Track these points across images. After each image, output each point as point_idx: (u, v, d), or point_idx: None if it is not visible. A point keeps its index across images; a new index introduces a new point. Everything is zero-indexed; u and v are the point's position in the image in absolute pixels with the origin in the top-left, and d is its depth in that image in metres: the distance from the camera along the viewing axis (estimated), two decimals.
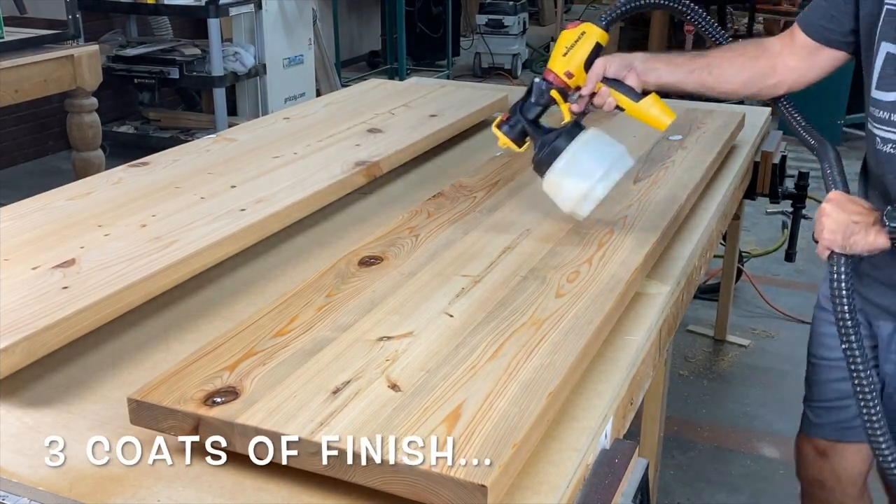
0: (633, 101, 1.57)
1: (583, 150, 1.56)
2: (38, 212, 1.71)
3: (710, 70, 1.63)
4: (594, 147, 1.57)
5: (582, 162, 1.55)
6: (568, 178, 1.56)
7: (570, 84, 1.58)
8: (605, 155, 1.57)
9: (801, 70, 1.64)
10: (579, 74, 1.57)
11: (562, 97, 1.59)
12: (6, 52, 3.57)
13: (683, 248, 1.78)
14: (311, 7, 5.88)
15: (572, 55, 1.57)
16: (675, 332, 1.72)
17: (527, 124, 1.60)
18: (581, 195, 1.56)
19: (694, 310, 3.55)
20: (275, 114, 2.58)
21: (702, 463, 2.66)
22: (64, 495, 1.03)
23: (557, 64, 1.58)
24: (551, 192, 1.60)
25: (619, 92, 1.56)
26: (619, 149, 1.59)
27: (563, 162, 1.56)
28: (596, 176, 1.55)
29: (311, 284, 1.41)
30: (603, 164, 1.56)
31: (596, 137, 1.58)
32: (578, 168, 1.55)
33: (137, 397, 1.09)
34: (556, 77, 1.58)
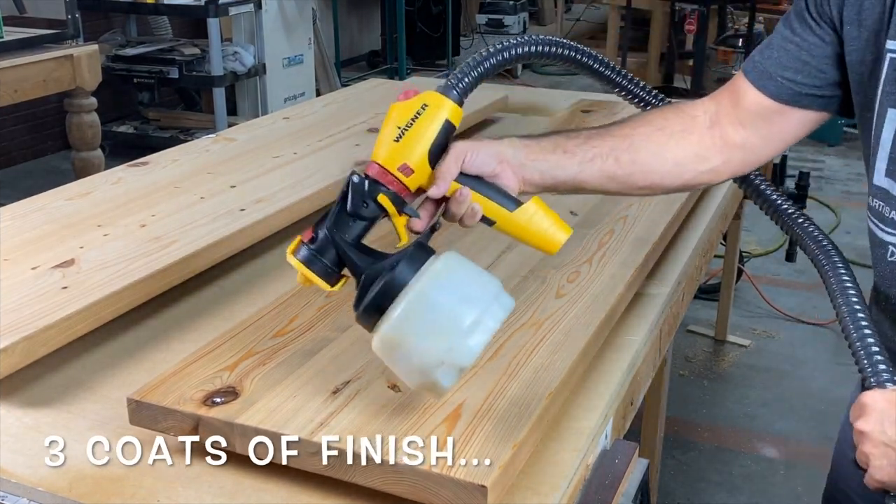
0: (507, 209, 1.05)
1: (435, 289, 0.97)
2: (38, 212, 1.71)
3: (618, 156, 1.10)
4: (452, 283, 0.98)
5: (435, 307, 0.96)
6: (414, 335, 0.96)
7: (409, 184, 1.02)
8: (471, 293, 0.99)
9: (754, 145, 1.14)
10: (422, 170, 1.02)
11: (394, 205, 1.02)
12: (6, 52, 3.57)
13: (683, 248, 1.78)
14: (311, 7, 5.88)
15: (410, 140, 1.01)
16: (675, 332, 1.72)
17: (342, 247, 1.01)
18: (436, 360, 0.96)
19: (694, 310, 3.55)
20: (275, 114, 2.58)
21: (702, 463, 2.66)
22: (64, 495, 1.03)
23: (388, 154, 1.02)
24: (389, 358, 0.99)
25: (485, 197, 1.04)
26: (492, 282, 1.01)
27: (404, 308, 0.96)
28: (460, 328, 0.96)
29: None
30: (470, 308, 0.97)
31: (455, 266, 1.00)
32: (430, 318, 0.96)
33: (137, 397, 1.09)
34: (386, 173, 1.02)
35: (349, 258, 1.01)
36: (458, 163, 1.03)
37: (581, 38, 9.17)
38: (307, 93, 5.84)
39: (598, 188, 1.14)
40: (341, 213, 1.02)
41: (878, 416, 0.93)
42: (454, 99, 1.04)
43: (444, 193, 1.03)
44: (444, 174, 1.02)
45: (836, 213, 4.62)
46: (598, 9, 9.35)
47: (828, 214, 4.63)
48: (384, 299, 0.97)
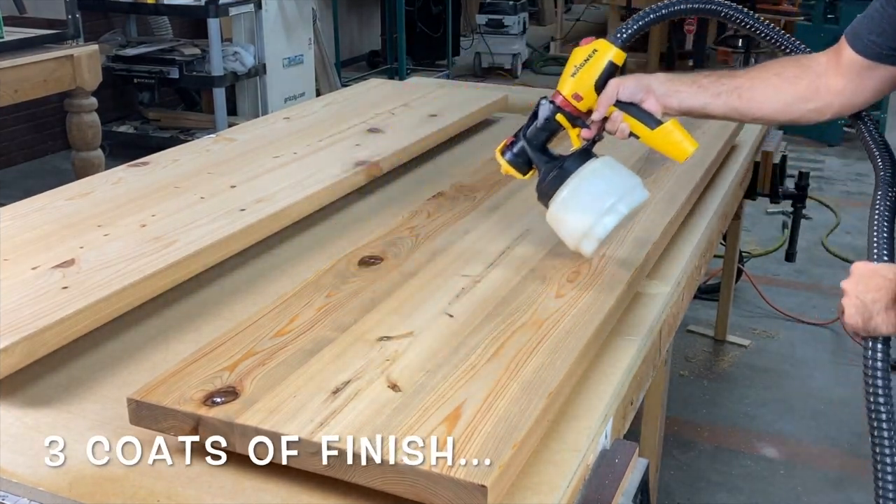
0: (649, 128, 1.40)
1: (588, 181, 1.40)
2: (38, 212, 1.71)
3: (741, 93, 1.42)
4: (602, 177, 1.42)
5: (586, 194, 1.40)
6: (571, 212, 1.41)
7: (580, 107, 1.43)
8: (613, 186, 1.41)
9: (850, 92, 1.40)
10: (590, 97, 1.42)
11: (570, 122, 1.44)
12: (6, 52, 3.57)
13: (683, 248, 1.78)
14: (311, 7, 5.88)
15: (582, 75, 1.42)
16: (675, 332, 1.72)
17: (531, 150, 1.46)
18: (583, 231, 1.41)
19: (694, 310, 3.56)
20: (275, 114, 2.58)
21: (702, 463, 2.66)
22: (64, 495, 1.03)
23: (566, 85, 1.43)
24: (554, 226, 1.46)
25: (633, 117, 1.40)
26: (632, 180, 1.43)
27: (566, 192, 1.41)
28: (601, 209, 1.39)
29: (311, 284, 1.41)
30: (609, 196, 1.40)
31: (605, 167, 1.43)
32: (583, 200, 1.40)
33: (137, 397, 1.09)
34: (564, 100, 1.43)
35: (536, 157, 1.47)
36: (614, 91, 1.40)
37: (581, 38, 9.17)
38: (307, 93, 5.84)
39: (721, 117, 1.49)
40: (533, 126, 1.47)
41: (857, 278, 1.24)
42: (618, 45, 1.42)
43: (604, 115, 1.41)
44: (603, 102, 1.41)
45: (836, 213, 4.62)
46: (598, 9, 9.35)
47: (828, 214, 4.63)
48: (555, 186, 1.42)
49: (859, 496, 2.47)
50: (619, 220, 1.40)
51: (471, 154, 2.38)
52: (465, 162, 2.29)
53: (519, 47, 8.01)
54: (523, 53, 8.19)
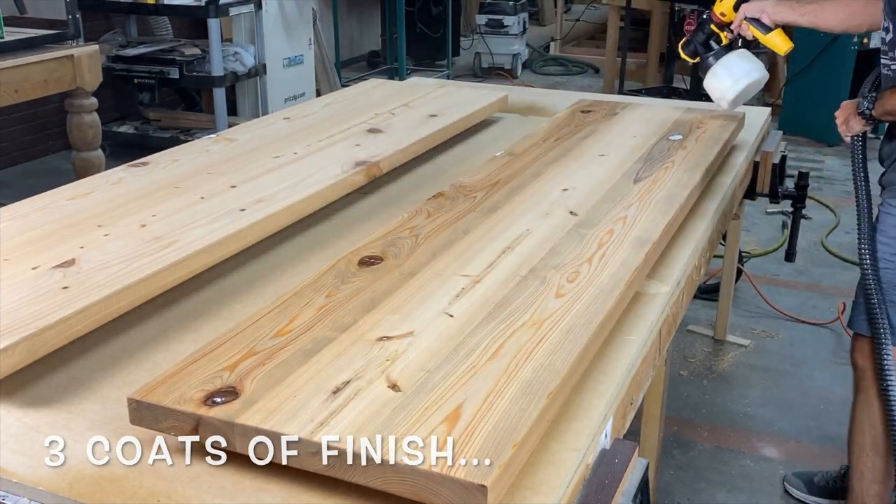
0: (763, 33, 2.30)
1: (730, 60, 2.40)
2: (38, 212, 1.71)
3: (816, 13, 2.23)
4: (737, 60, 2.40)
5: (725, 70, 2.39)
6: (716, 80, 2.41)
7: (724, 21, 2.37)
8: (743, 66, 2.39)
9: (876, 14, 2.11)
10: (730, 14, 2.35)
11: (719, 29, 2.39)
12: (6, 52, 3.57)
13: (683, 248, 1.78)
14: (311, 7, 5.88)
15: (726, 1, 2.34)
16: (675, 332, 1.72)
17: (698, 46, 2.43)
18: (722, 92, 2.41)
19: (694, 310, 3.55)
20: (275, 114, 2.59)
21: (702, 463, 2.66)
22: (64, 495, 1.03)
23: (717, 6, 2.37)
24: (708, 89, 2.45)
25: (755, 27, 2.30)
26: (755, 63, 2.41)
27: (714, 69, 2.41)
28: (732, 79, 2.39)
29: (311, 284, 1.41)
30: (738, 72, 2.39)
31: (740, 55, 2.40)
32: (724, 73, 2.40)
33: (137, 397, 1.09)
34: (716, 16, 2.38)
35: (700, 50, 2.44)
36: (743, 12, 2.30)
37: (581, 38, 9.18)
38: (307, 93, 5.84)
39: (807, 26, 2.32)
40: (698, 30, 2.43)
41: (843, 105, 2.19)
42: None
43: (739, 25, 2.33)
44: (738, 17, 2.33)
45: (836, 213, 4.62)
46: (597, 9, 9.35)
47: (827, 214, 4.63)
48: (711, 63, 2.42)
49: None
50: (743, 86, 2.39)
51: (471, 154, 2.38)
52: (465, 162, 2.29)
53: (519, 47, 8.01)
54: (523, 53, 8.19)
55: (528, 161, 2.06)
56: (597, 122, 2.45)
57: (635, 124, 2.42)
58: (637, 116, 2.52)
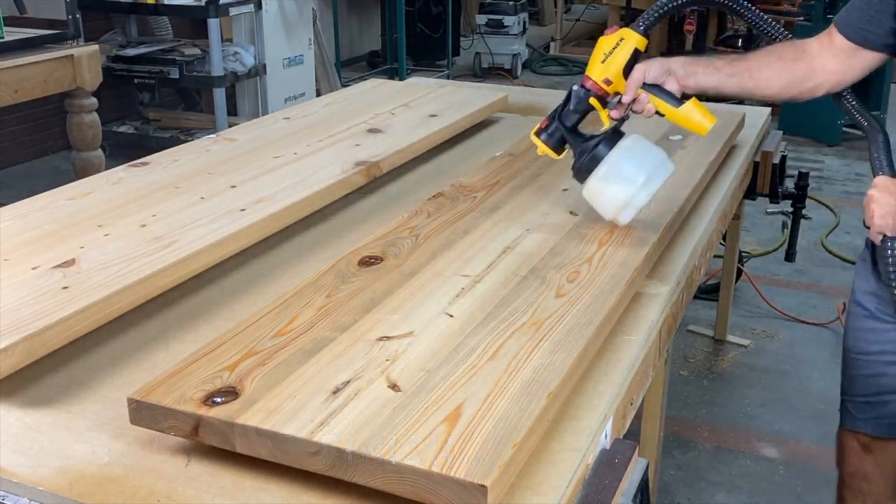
0: (673, 106, 1.58)
1: (623, 157, 1.57)
2: (38, 212, 1.71)
3: (750, 74, 1.64)
4: (635, 154, 1.58)
5: (623, 169, 1.57)
6: (609, 186, 1.58)
7: (609, 90, 1.59)
8: (645, 161, 1.58)
9: (840, 72, 1.65)
10: (618, 81, 1.59)
11: (601, 104, 1.61)
12: (6, 52, 3.57)
13: (683, 248, 1.78)
14: (311, 7, 5.88)
15: (611, 62, 1.58)
16: (675, 332, 1.72)
17: (565, 132, 1.62)
18: (622, 203, 1.58)
19: (694, 310, 3.55)
20: (275, 114, 2.58)
21: (702, 463, 2.66)
22: (64, 495, 1.03)
23: (596, 71, 1.59)
24: (592, 200, 1.62)
25: (658, 98, 1.58)
26: (660, 155, 1.60)
27: (604, 169, 1.57)
28: (637, 183, 1.56)
29: (311, 284, 1.41)
30: (644, 170, 1.57)
31: (636, 144, 1.59)
32: (619, 175, 1.57)
33: (137, 397, 1.09)
34: (595, 84, 1.59)
35: (570, 138, 1.62)
36: (641, 75, 1.57)
37: (581, 38, 9.18)
38: (307, 93, 5.84)
39: (733, 95, 1.73)
40: (566, 108, 1.61)
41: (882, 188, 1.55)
42: (641, 32, 1.59)
43: (633, 97, 1.58)
44: (631, 85, 1.57)
45: (836, 213, 4.62)
46: (597, 9, 9.36)
47: (827, 214, 4.63)
48: (592, 164, 1.58)
49: None
50: (654, 191, 1.59)
51: (471, 154, 2.38)
52: (465, 162, 2.29)
53: (519, 47, 8.01)
54: (523, 53, 8.19)
55: (528, 161, 2.06)
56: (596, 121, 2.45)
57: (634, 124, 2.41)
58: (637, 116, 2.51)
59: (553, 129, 1.62)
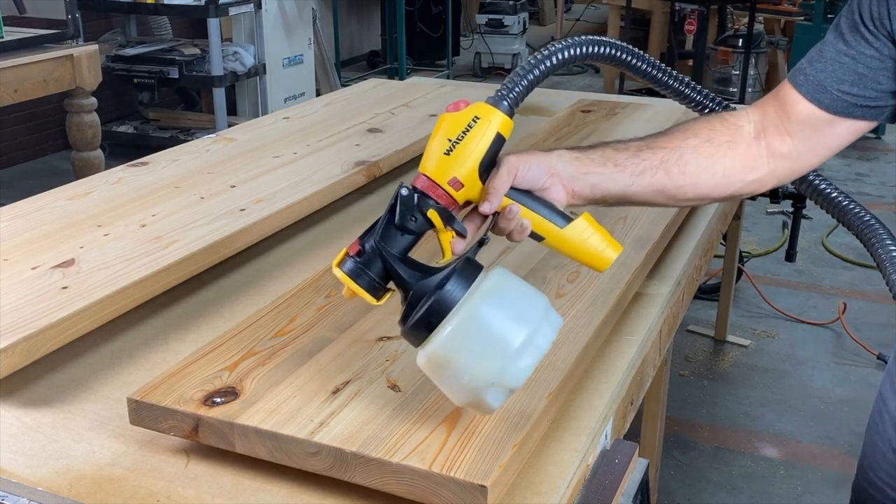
0: (557, 225, 1.03)
1: (485, 308, 0.94)
2: (38, 212, 1.71)
3: (668, 168, 1.09)
4: (504, 300, 0.96)
5: (486, 328, 0.94)
6: (465, 353, 0.94)
7: (458, 198, 1.00)
8: (521, 312, 0.96)
9: (800, 154, 1.13)
10: (472, 184, 1.00)
11: (442, 220, 1.00)
12: (6, 52, 3.57)
13: (683, 248, 1.78)
14: (311, 7, 5.88)
15: (461, 153, 0.99)
16: (675, 332, 1.72)
17: (390, 262, 0.99)
18: (487, 381, 0.94)
19: (694, 310, 3.55)
20: (275, 114, 2.58)
21: (702, 463, 2.66)
22: (64, 495, 1.03)
23: (438, 167, 0.99)
24: (436, 375, 0.97)
25: (535, 212, 1.02)
26: (540, 300, 0.98)
27: (454, 327, 0.94)
28: (513, 346, 0.93)
29: (311, 284, 1.41)
30: (521, 328, 0.94)
31: (504, 284, 0.98)
32: (481, 338, 0.94)
33: (137, 397, 1.09)
34: (435, 187, 1.00)
35: (396, 272, 0.99)
36: (510, 178, 1.00)
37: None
38: (307, 93, 5.84)
39: (646, 201, 1.12)
40: (389, 225, 1.01)
41: None
42: (505, 111, 1.02)
43: (496, 209, 1.00)
44: (496, 190, 0.99)
45: None
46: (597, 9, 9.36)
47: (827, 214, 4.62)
48: (433, 317, 0.94)
49: None
50: (539, 359, 0.95)
51: None
52: None
53: (519, 47, 8.01)
54: (523, 54, 8.19)
55: None
56: (597, 121, 2.45)
57: (635, 124, 2.42)
58: (637, 116, 2.52)
59: (369, 255, 1.01)
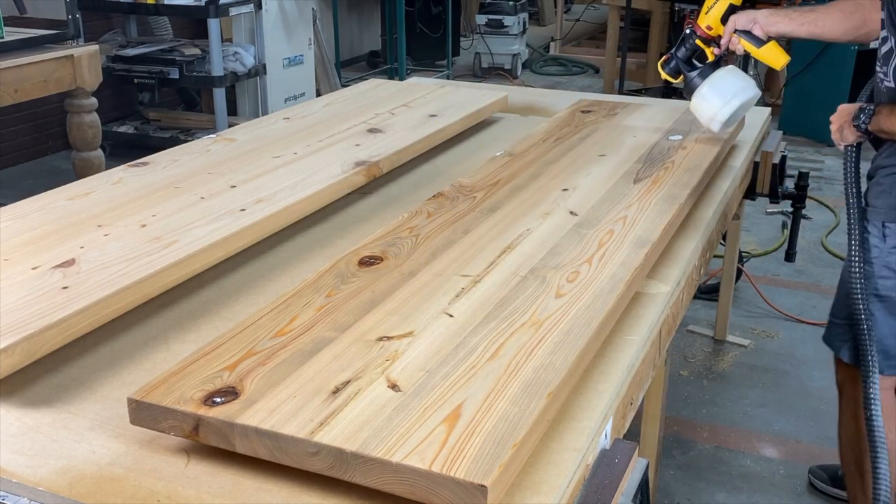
0: (756, 47, 2.12)
1: (718, 80, 2.17)
2: (38, 212, 1.71)
3: (817, 23, 2.09)
4: (726, 78, 2.18)
5: (716, 88, 2.17)
6: (706, 100, 2.18)
7: (711, 34, 2.19)
8: (733, 85, 2.17)
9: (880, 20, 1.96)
10: (717, 27, 2.18)
11: (705, 44, 2.21)
12: (6, 52, 3.57)
13: (683, 248, 1.78)
14: (311, 7, 5.88)
15: (713, 13, 2.17)
16: (675, 332, 1.72)
17: (681, 63, 2.24)
18: (711, 115, 2.17)
19: (694, 310, 3.55)
20: (275, 114, 2.58)
21: (702, 463, 2.66)
22: (64, 495, 1.03)
23: (702, 20, 2.20)
24: (696, 111, 2.21)
25: (746, 40, 2.12)
26: (746, 82, 2.18)
27: (705, 88, 2.18)
28: (724, 99, 2.15)
29: (311, 284, 1.41)
30: (729, 91, 2.16)
31: (729, 72, 2.19)
32: (714, 92, 2.17)
33: (137, 397, 1.09)
34: (701, 30, 2.20)
35: (684, 68, 2.25)
36: (733, 24, 2.14)
37: (581, 38, 9.18)
38: (307, 93, 5.84)
39: (805, 37, 2.16)
40: (681, 46, 2.24)
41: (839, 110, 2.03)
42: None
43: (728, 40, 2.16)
44: (727, 30, 2.15)
45: (836, 213, 4.62)
46: (597, 9, 9.36)
47: (827, 214, 4.63)
48: (697, 84, 2.20)
49: None
50: (736, 107, 2.16)
51: (471, 154, 2.38)
52: (465, 162, 2.29)
53: (519, 47, 8.02)
54: (523, 53, 8.19)
55: (528, 161, 2.06)
56: (597, 122, 2.45)
57: (635, 124, 2.42)
58: (637, 116, 2.52)
59: (673, 62, 2.26)
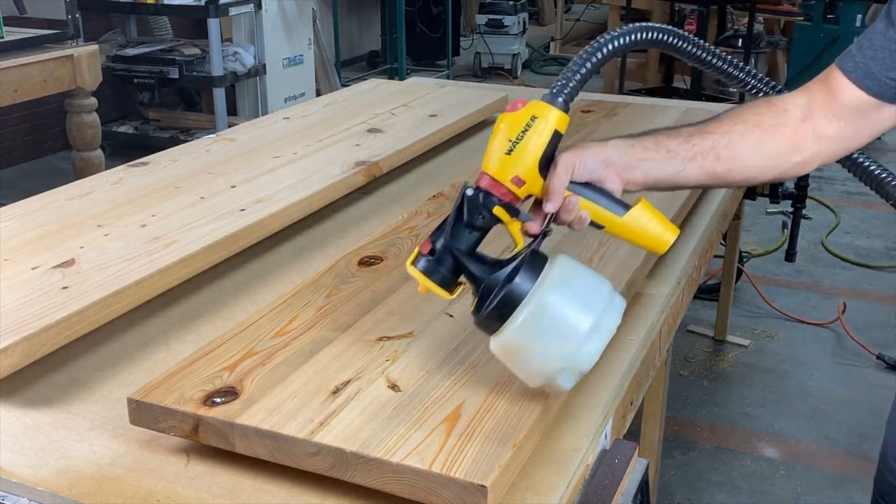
0: (616, 214, 1.09)
1: (554, 296, 1.01)
2: (38, 212, 1.71)
3: (718, 153, 1.15)
4: (570, 288, 1.03)
5: (555, 316, 1.01)
6: (537, 340, 1.02)
7: (520, 194, 1.07)
8: (588, 299, 1.03)
9: (844, 137, 1.18)
10: (533, 180, 1.06)
11: (509, 214, 1.07)
12: (6, 52, 3.57)
13: (683, 248, 1.78)
14: (311, 7, 5.88)
15: (521, 153, 1.06)
16: (675, 332, 1.72)
17: (460, 257, 1.06)
18: (559, 365, 1.02)
19: (694, 310, 3.55)
20: (275, 114, 2.58)
21: (702, 463, 2.66)
22: (64, 495, 1.03)
23: (500, 166, 1.06)
24: (509, 361, 1.05)
25: (595, 203, 1.09)
26: (604, 286, 1.06)
27: (526, 316, 1.01)
28: (582, 331, 1.01)
29: (311, 284, 1.41)
30: (590, 311, 1.02)
31: (570, 273, 1.05)
32: (551, 325, 1.01)
33: (137, 397, 1.09)
34: (499, 186, 1.06)
35: (467, 268, 1.06)
36: (568, 174, 1.07)
37: (581, 38, 9.17)
38: (307, 93, 5.84)
39: (697, 184, 1.20)
40: (458, 224, 1.08)
41: None
42: (560, 107, 1.08)
43: (558, 205, 1.07)
44: (556, 188, 1.06)
45: (836, 213, 4.62)
46: (597, 8, 9.35)
47: (827, 214, 4.63)
48: (505, 308, 1.02)
49: (859, 496, 2.47)
50: (606, 341, 1.03)
51: (471, 154, 2.38)
52: (465, 162, 2.29)
53: (519, 47, 8.01)
54: (523, 53, 8.19)
55: None
56: (597, 122, 2.45)
57: (635, 124, 2.42)
58: (637, 116, 2.52)
59: (440, 254, 1.07)
